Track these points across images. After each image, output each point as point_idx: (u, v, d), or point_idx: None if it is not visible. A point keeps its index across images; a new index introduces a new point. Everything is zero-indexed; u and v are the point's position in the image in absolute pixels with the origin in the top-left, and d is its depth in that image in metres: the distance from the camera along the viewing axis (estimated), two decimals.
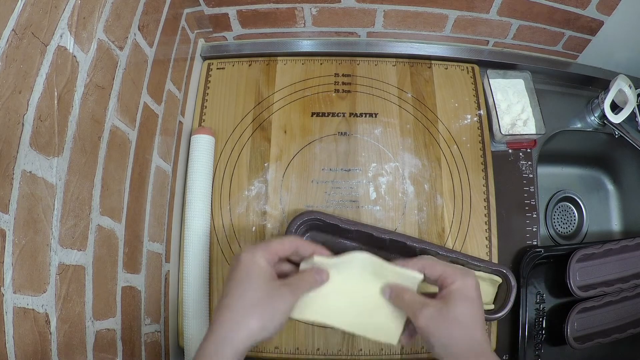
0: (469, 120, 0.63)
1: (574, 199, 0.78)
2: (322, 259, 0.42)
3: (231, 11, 0.61)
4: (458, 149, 0.61)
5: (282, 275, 0.42)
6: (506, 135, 0.61)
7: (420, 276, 0.42)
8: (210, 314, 0.54)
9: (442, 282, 0.41)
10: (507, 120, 0.62)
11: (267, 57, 0.66)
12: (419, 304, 0.40)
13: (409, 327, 0.43)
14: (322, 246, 0.44)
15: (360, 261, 0.43)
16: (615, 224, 0.77)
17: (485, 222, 0.58)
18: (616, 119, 0.62)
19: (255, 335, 0.37)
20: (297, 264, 0.43)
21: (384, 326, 0.43)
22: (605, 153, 0.75)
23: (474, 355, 0.38)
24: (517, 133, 0.61)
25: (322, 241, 0.56)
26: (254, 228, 0.58)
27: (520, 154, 0.63)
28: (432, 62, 0.66)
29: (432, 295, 0.41)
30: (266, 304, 0.38)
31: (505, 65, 0.67)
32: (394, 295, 0.43)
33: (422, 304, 0.40)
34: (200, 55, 0.66)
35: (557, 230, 0.76)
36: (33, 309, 0.30)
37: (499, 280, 0.54)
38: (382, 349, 0.54)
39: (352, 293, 0.43)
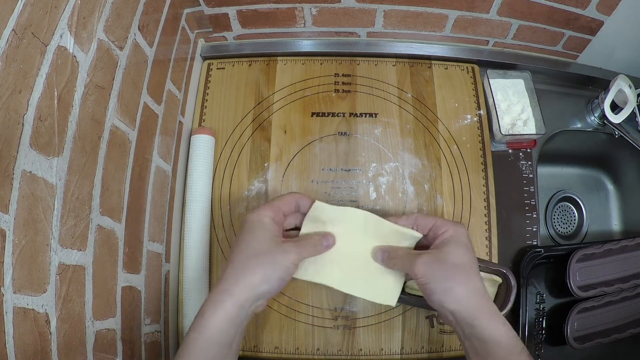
0: (469, 120, 0.63)
1: (574, 199, 0.78)
2: (322, 205, 0.43)
3: (231, 11, 0.61)
4: (458, 149, 0.61)
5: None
6: (506, 135, 0.61)
7: (420, 235, 0.43)
8: None
9: (435, 233, 0.42)
10: (507, 120, 0.62)
11: (267, 57, 0.66)
12: (414, 254, 0.41)
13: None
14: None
15: (361, 219, 0.44)
16: (615, 224, 0.77)
17: (485, 222, 0.58)
18: (616, 119, 0.62)
19: (256, 287, 0.37)
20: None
21: (382, 288, 0.44)
22: (605, 153, 0.75)
23: (474, 296, 0.39)
24: (517, 133, 0.61)
25: None
26: None
27: (520, 154, 0.63)
28: (432, 62, 0.66)
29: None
30: (268, 257, 0.39)
31: (505, 65, 0.67)
32: (386, 257, 0.43)
33: (418, 254, 0.41)
34: (200, 55, 0.66)
35: (557, 230, 0.76)
36: (33, 309, 0.30)
37: (499, 280, 0.54)
38: (382, 349, 0.54)
39: (353, 253, 0.44)
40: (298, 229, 0.46)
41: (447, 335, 0.55)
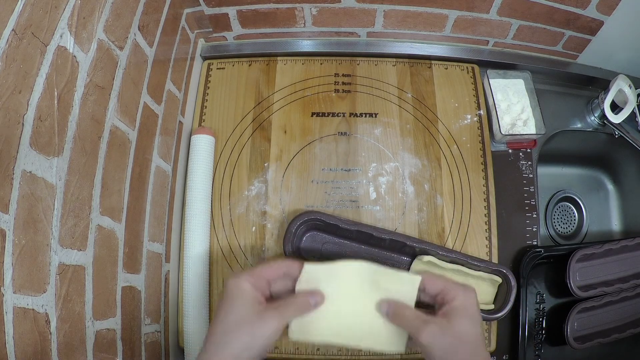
0: (469, 120, 0.63)
1: (574, 199, 0.78)
2: (312, 267, 0.41)
3: (231, 11, 0.61)
4: (458, 149, 0.61)
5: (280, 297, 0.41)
6: (506, 135, 0.61)
7: (419, 278, 0.41)
8: (211, 313, 0.54)
9: (444, 298, 0.40)
10: (507, 120, 0.62)
11: (267, 57, 0.66)
12: (421, 321, 0.39)
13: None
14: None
15: (356, 270, 0.42)
16: (615, 224, 0.77)
17: (485, 222, 0.58)
18: (616, 119, 0.62)
19: (238, 356, 0.37)
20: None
21: (389, 335, 0.42)
22: (605, 153, 0.75)
23: None
24: (517, 133, 0.61)
25: (322, 241, 0.56)
26: (254, 228, 0.58)
27: (520, 154, 0.63)
28: (432, 62, 0.66)
29: (430, 311, 0.41)
30: (246, 327, 0.38)
31: (505, 65, 0.67)
32: (391, 312, 0.41)
33: (425, 321, 0.39)
34: (200, 55, 0.66)
35: (557, 230, 0.76)
36: (33, 309, 0.30)
37: (499, 280, 0.54)
38: None
39: (352, 306, 0.42)
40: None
41: None
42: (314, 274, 0.41)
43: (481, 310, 0.50)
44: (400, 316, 0.41)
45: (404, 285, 0.41)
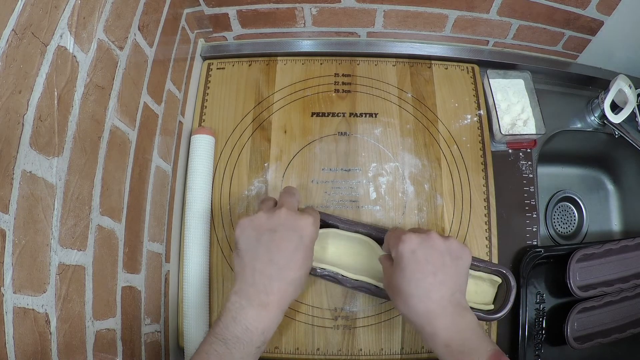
0: (469, 120, 0.63)
1: (574, 199, 0.78)
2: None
3: (231, 11, 0.61)
4: (458, 149, 0.61)
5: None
6: (506, 135, 0.61)
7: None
8: (210, 314, 0.54)
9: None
10: (507, 120, 0.62)
11: (267, 57, 0.66)
12: (384, 269, 0.46)
13: None
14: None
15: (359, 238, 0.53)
16: (615, 224, 0.77)
17: (485, 222, 0.58)
18: (616, 119, 0.62)
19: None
20: None
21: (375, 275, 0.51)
22: (605, 153, 0.75)
23: (412, 322, 0.42)
24: (517, 133, 0.61)
25: None
26: None
27: (520, 154, 0.63)
28: (432, 62, 0.66)
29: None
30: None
31: (505, 65, 0.67)
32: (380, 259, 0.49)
33: (384, 274, 0.46)
34: (200, 55, 0.66)
35: (557, 230, 0.76)
36: (33, 309, 0.30)
37: (499, 280, 0.54)
38: (382, 349, 0.54)
39: (354, 250, 0.53)
40: None
41: None
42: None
43: (481, 310, 0.50)
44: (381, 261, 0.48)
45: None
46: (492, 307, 0.53)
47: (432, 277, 0.41)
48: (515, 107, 0.63)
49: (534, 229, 0.60)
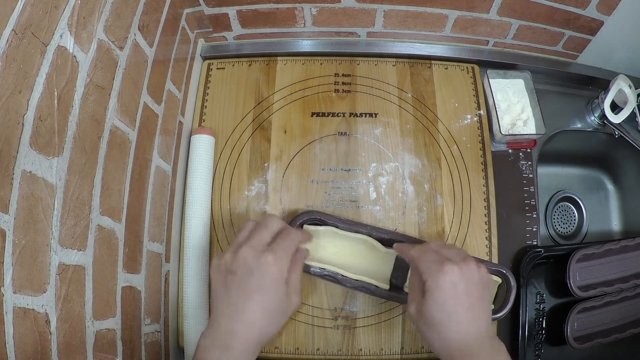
0: (469, 120, 0.63)
1: (574, 199, 0.78)
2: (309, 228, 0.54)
3: (231, 11, 0.61)
4: (458, 149, 0.61)
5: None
6: (506, 135, 0.61)
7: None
8: (210, 314, 0.54)
9: (421, 277, 0.43)
10: (507, 120, 0.62)
11: (267, 57, 0.66)
12: (410, 298, 0.44)
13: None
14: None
15: (360, 238, 0.54)
16: (615, 224, 0.77)
17: (485, 222, 0.58)
18: (616, 119, 0.62)
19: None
20: None
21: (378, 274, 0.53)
22: (605, 153, 0.75)
23: (445, 356, 0.40)
24: (517, 133, 0.61)
25: None
26: None
27: (520, 154, 0.63)
28: (432, 62, 0.66)
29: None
30: (282, 314, 0.45)
31: (505, 65, 0.67)
32: (398, 249, 0.49)
33: (411, 300, 0.44)
34: (200, 55, 0.66)
35: (557, 230, 0.76)
36: (33, 309, 0.30)
37: (499, 280, 0.54)
38: (382, 349, 0.54)
39: (354, 249, 0.54)
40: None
41: None
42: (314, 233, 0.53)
43: None
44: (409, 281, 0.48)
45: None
46: (492, 307, 0.53)
47: (471, 311, 0.39)
48: (515, 107, 0.63)
49: (534, 229, 0.60)
